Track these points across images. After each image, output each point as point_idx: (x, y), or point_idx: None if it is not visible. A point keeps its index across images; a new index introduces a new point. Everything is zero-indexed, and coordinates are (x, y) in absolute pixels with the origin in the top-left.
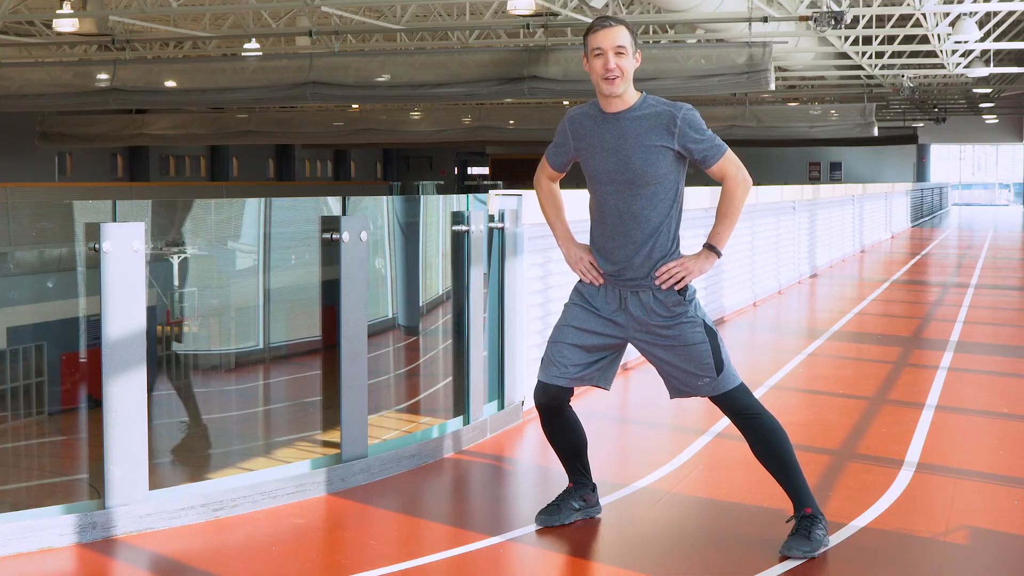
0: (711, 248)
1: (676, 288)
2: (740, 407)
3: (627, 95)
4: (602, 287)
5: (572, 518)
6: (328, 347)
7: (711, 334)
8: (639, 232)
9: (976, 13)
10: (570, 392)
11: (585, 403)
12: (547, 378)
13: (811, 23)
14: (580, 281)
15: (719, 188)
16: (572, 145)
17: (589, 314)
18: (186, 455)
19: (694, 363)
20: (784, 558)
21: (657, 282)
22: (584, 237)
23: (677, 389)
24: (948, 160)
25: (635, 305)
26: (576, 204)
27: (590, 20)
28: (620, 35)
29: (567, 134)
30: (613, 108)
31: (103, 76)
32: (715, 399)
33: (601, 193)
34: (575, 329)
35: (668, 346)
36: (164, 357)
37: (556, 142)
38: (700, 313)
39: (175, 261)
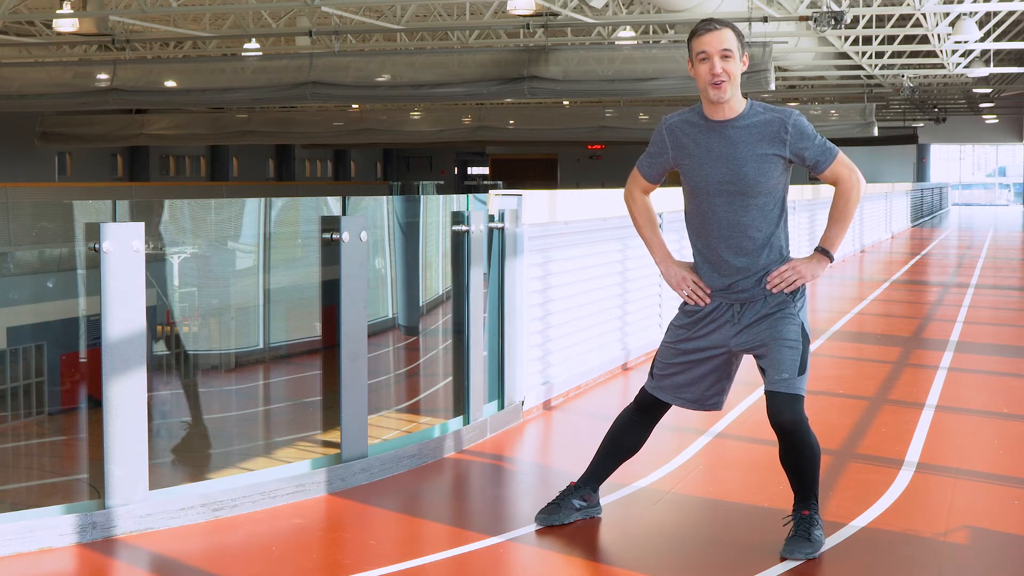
0: (823, 252)
1: (787, 291)
2: (794, 414)
3: (735, 101)
4: (708, 304)
5: (572, 517)
6: (328, 347)
7: (805, 338)
8: (750, 244)
9: (976, 13)
10: (667, 407)
11: (586, 403)
12: (656, 392)
13: (811, 23)
14: (684, 303)
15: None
16: (671, 155)
17: (694, 336)
18: (186, 455)
19: (782, 357)
20: (784, 558)
21: (769, 286)
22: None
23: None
24: (948, 160)
25: (744, 315)
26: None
27: (590, 20)
28: (726, 38)
29: (665, 143)
30: (720, 115)
31: (103, 76)
32: (776, 397)
33: (709, 205)
34: (681, 352)
35: (762, 343)
36: (165, 357)
37: (651, 152)
38: (802, 315)
39: (175, 261)
